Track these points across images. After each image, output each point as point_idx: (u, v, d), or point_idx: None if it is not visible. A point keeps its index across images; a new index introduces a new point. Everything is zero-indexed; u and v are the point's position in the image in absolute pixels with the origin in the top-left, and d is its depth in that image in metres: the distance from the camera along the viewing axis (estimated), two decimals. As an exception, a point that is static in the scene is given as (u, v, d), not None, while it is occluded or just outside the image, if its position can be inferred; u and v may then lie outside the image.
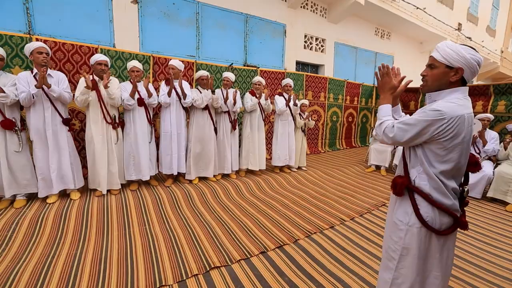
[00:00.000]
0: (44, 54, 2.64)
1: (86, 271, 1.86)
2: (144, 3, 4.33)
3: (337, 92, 6.79)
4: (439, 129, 1.09)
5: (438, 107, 1.10)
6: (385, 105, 1.31)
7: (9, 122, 2.55)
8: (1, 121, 2.52)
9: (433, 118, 1.09)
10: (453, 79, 1.13)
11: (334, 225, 2.69)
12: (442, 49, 1.14)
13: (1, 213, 2.49)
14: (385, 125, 1.23)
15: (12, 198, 2.69)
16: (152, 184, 3.44)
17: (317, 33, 6.96)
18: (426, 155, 1.17)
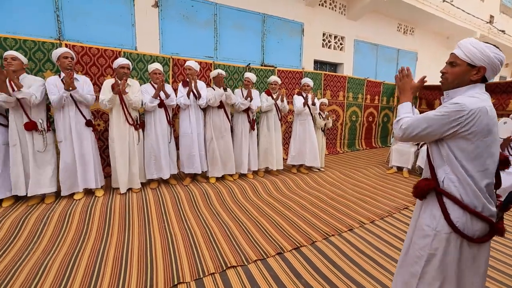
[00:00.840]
0: (69, 58, 2.79)
1: (109, 266, 1.94)
2: (164, 7, 4.45)
3: (357, 91, 6.61)
4: (459, 121, 1.05)
5: (457, 100, 1.07)
6: (406, 102, 1.27)
7: (32, 124, 2.69)
8: (25, 123, 2.67)
9: (452, 110, 1.05)
10: (474, 77, 1.10)
11: (353, 228, 2.62)
12: (465, 47, 1.10)
13: (33, 209, 2.66)
14: (404, 120, 1.19)
15: (42, 194, 2.87)
16: (171, 183, 3.53)
17: (336, 31, 6.81)
18: (453, 152, 1.10)
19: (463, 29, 8.91)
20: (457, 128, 1.05)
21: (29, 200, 2.79)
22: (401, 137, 1.19)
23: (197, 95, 3.43)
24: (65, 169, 2.88)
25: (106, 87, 3.01)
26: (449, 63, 1.16)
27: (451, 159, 1.10)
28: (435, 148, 1.18)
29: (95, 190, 3.09)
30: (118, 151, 3.08)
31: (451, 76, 1.14)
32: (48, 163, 2.85)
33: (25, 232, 2.31)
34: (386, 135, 7.58)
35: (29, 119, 2.69)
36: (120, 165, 3.09)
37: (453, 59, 1.14)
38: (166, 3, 4.45)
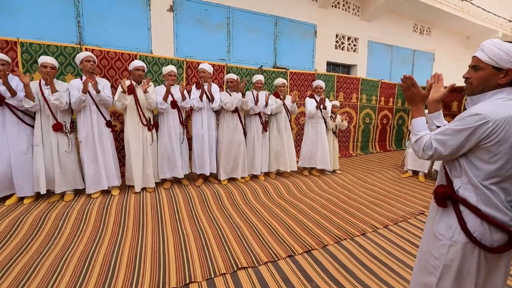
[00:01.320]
0: (92, 62, 2.93)
1: (124, 262, 2.00)
2: (179, 11, 4.56)
3: (371, 93, 6.50)
4: (484, 135, 0.98)
5: (478, 110, 0.99)
6: (418, 118, 1.18)
7: (59, 125, 2.84)
8: (53, 124, 2.82)
9: (474, 124, 0.98)
10: (502, 81, 1.02)
11: (365, 232, 2.57)
12: (489, 49, 1.02)
13: (53, 206, 2.77)
14: (423, 141, 1.11)
15: (62, 192, 2.99)
16: (184, 184, 3.59)
17: (349, 32, 6.73)
18: (471, 163, 1.04)
19: (483, 28, 8.59)
20: (482, 140, 0.99)
21: (50, 198, 2.92)
22: (428, 158, 1.13)
23: (211, 98, 3.48)
24: (86, 168, 2.99)
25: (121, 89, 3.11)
26: (472, 67, 1.08)
27: (468, 171, 1.05)
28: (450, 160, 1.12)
29: (111, 189, 3.19)
30: (132, 151, 3.17)
31: (476, 81, 1.06)
32: (71, 162, 2.96)
33: (46, 228, 2.42)
34: (401, 138, 7.40)
35: (56, 121, 2.82)
36: (134, 165, 3.18)
37: (475, 62, 1.06)
38: (180, 7, 4.56)
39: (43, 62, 2.74)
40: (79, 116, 3.00)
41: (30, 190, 2.85)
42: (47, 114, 2.83)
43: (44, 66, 2.73)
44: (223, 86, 4.59)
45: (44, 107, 2.81)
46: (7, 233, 2.29)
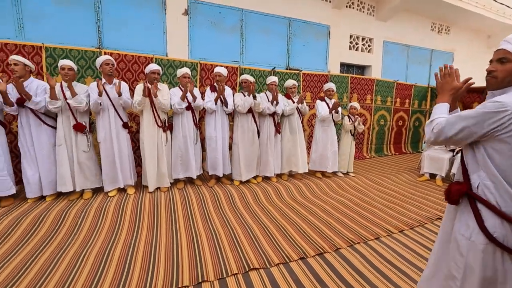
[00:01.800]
0: (110, 65, 3.04)
1: (139, 259, 2.06)
2: (193, 14, 4.64)
3: (386, 94, 6.36)
4: (500, 122, 0.95)
5: (499, 98, 0.97)
6: (442, 103, 1.16)
7: (80, 125, 2.96)
8: (74, 125, 2.94)
9: (492, 109, 0.96)
10: None
11: (380, 236, 2.52)
12: None
13: (73, 203, 2.89)
14: (436, 121, 1.09)
15: (81, 190, 3.11)
16: (197, 184, 3.64)
17: (364, 32, 6.62)
18: (489, 156, 1.01)
19: (506, 26, 8.22)
20: (497, 129, 0.96)
21: (70, 195, 3.05)
22: (434, 140, 1.09)
23: (224, 102, 3.52)
24: (104, 167, 3.11)
25: (138, 91, 3.20)
26: (498, 60, 1.05)
27: (487, 164, 1.01)
28: (470, 152, 1.08)
29: (128, 188, 3.29)
30: (147, 151, 3.25)
31: (502, 74, 1.03)
32: (89, 161, 3.08)
33: (67, 224, 2.53)
34: (418, 140, 7.19)
35: (76, 121, 2.94)
36: (148, 165, 3.26)
37: (503, 54, 1.02)
38: (195, 10, 4.64)
39: (61, 64, 2.87)
40: (98, 117, 3.12)
41: (52, 188, 2.99)
42: (68, 115, 2.95)
43: (62, 68, 2.85)
44: (236, 88, 4.63)
45: (65, 108, 2.93)
46: (30, 229, 2.41)
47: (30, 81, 2.86)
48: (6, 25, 3.58)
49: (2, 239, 2.26)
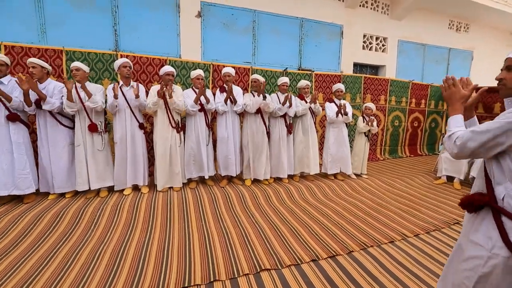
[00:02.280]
0: (128, 67, 3.11)
1: (152, 257, 2.10)
2: (206, 16, 4.71)
3: (400, 94, 6.21)
4: None
5: None
6: (455, 115, 1.14)
7: (94, 126, 3.05)
8: (89, 125, 3.03)
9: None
10: None
11: (394, 240, 2.47)
12: None
13: (90, 201, 2.99)
14: (456, 135, 1.06)
15: (97, 189, 3.21)
16: (209, 184, 3.68)
17: (378, 32, 6.51)
18: None
19: (530, 24, 7.86)
20: None
21: (87, 193, 3.15)
22: (456, 154, 1.06)
23: (234, 102, 3.55)
24: (119, 166, 3.19)
25: (152, 92, 3.27)
26: (505, 68, 1.05)
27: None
28: (494, 162, 1.03)
29: (142, 187, 3.37)
30: (160, 151, 3.31)
31: (510, 82, 1.04)
32: (104, 161, 3.18)
33: (84, 221, 2.62)
34: (434, 142, 6.98)
35: (91, 122, 3.05)
36: (160, 165, 3.32)
37: (510, 62, 1.03)
38: (208, 12, 4.70)
39: (71, 67, 2.98)
40: (115, 118, 3.21)
41: (69, 186, 3.10)
42: (84, 116, 3.05)
43: (71, 70, 2.97)
44: (248, 88, 4.65)
45: (81, 109, 3.03)
46: (50, 225, 2.52)
47: (47, 83, 2.97)
48: (30, 30, 3.76)
49: (24, 235, 2.36)
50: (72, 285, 1.77)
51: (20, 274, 1.86)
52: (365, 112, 4.35)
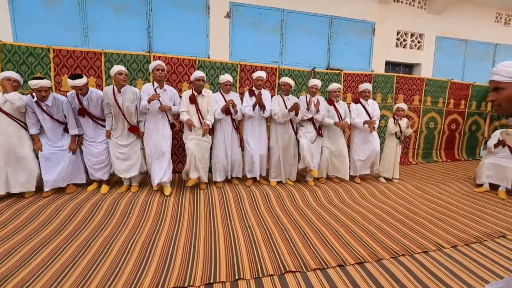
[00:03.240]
0: (160, 70, 3.17)
1: (180, 250, 2.18)
2: (235, 16, 4.76)
3: (437, 94, 5.82)
4: None
5: None
6: None
7: (135, 128, 3.20)
8: (129, 127, 3.17)
9: None
10: None
11: (428, 250, 2.31)
12: (502, 70, 1.06)
13: (123, 195, 3.16)
14: None
15: (128, 184, 3.39)
16: (234, 183, 3.72)
17: (413, 28, 6.14)
18: None
19: None
20: None
21: (120, 188, 3.33)
22: None
23: (263, 108, 3.55)
24: (150, 163, 3.31)
25: (184, 100, 3.35)
26: (493, 90, 1.11)
27: None
28: None
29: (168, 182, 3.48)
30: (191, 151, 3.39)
31: (503, 102, 1.07)
32: (135, 158, 3.31)
33: (117, 214, 2.78)
34: (474, 146, 6.44)
35: (130, 124, 3.17)
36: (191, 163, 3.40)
37: (495, 85, 1.09)
38: (236, 13, 4.76)
39: (118, 70, 2.99)
40: (147, 118, 3.33)
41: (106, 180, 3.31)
42: (121, 118, 3.14)
43: (120, 73, 3.00)
44: (274, 88, 4.64)
45: (118, 112, 3.10)
46: (88, 216, 2.71)
47: (90, 92, 3.08)
48: (74, 34, 4.07)
49: (66, 223, 2.57)
50: (106, 272, 1.88)
51: (61, 259, 2.02)
52: (397, 114, 4.13)
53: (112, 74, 3.03)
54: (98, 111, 3.18)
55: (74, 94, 3.05)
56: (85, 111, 3.10)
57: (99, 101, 3.14)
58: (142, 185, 3.54)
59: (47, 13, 3.94)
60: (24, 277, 1.82)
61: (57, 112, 3.05)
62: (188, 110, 3.33)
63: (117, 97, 3.05)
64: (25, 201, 2.90)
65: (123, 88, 3.07)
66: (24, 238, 2.31)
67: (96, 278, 1.82)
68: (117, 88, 3.06)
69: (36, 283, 1.76)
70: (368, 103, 4.04)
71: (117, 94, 3.06)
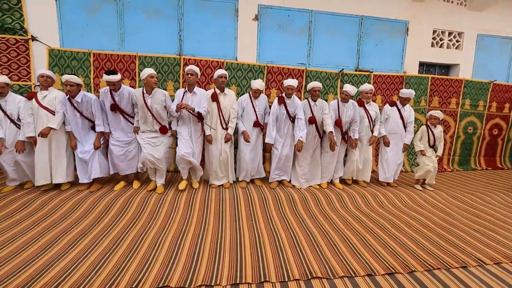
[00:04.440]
0: (189, 75, 3.22)
1: (206, 249, 2.22)
2: (263, 19, 4.78)
3: (477, 97, 5.41)
4: None
5: None
6: None
7: (165, 128, 3.26)
8: (160, 128, 3.24)
9: None
10: None
11: (467, 266, 2.15)
12: None
13: (151, 194, 3.29)
14: None
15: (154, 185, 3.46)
16: (257, 184, 3.73)
17: (452, 26, 5.75)
18: None
19: None
20: None
21: (148, 186, 3.44)
22: None
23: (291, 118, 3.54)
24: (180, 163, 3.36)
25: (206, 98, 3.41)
26: None
27: None
28: None
29: (193, 182, 3.58)
30: (212, 151, 3.47)
31: None
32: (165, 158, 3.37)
33: (147, 211, 2.91)
34: (520, 153, 5.90)
35: (161, 125, 3.25)
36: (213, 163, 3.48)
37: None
38: (264, 15, 4.77)
39: (150, 73, 3.04)
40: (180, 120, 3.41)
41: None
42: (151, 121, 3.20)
43: (152, 76, 3.05)
44: (301, 90, 4.59)
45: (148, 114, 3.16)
46: (120, 211, 2.86)
47: (122, 89, 3.19)
48: (112, 39, 4.33)
49: (100, 218, 2.74)
50: (138, 266, 1.97)
51: (98, 251, 2.16)
52: (430, 121, 3.90)
53: (143, 77, 3.06)
54: (129, 108, 3.28)
55: (108, 90, 3.16)
56: (117, 107, 3.20)
57: (130, 98, 3.23)
58: (170, 183, 3.66)
59: (89, 20, 4.23)
60: (66, 264, 1.96)
61: (86, 109, 3.18)
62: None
63: (146, 99, 3.11)
64: (63, 195, 3.10)
65: (153, 90, 3.13)
66: (65, 229, 2.49)
67: (129, 270, 1.91)
68: (147, 91, 3.12)
69: (76, 272, 1.89)
70: (404, 108, 3.87)
71: (146, 96, 3.12)
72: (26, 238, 2.29)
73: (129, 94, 3.23)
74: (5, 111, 3.13)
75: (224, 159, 3.50)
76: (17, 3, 3.93)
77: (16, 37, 3.95)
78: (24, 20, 3.98)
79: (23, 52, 3.99)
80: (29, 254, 2.07)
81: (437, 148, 3.94)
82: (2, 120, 3.15)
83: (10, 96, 3.19)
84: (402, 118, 3.83)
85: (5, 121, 3.15)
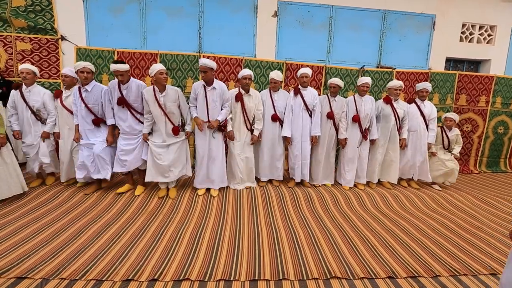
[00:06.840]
0: (202, 72, 3.01)
1: (224, 246, 2.25)
2: (282, 15, 4.73)
3: (509, 95, 5.09)
4: None
5: None
6: None
7: (177, 128, 3.09)
8: (172, 128, 3.06)
9: None
10: None
11: (497, 273, 2.05)
12: None
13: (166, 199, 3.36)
14: None
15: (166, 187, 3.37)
16: (275, 184, 3.71)
17: (483, 19, 5.42)
18: None
19: None
20: None
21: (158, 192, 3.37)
22: None
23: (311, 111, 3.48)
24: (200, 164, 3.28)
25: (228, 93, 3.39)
26: None
27: None
28: None
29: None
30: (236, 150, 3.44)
31: None
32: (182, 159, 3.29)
33: (165, 209, 2.99)
34: (557, 156, 5.50)
35: (173, 124, 3.07)
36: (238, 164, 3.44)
37: None
38: (284, 11, 4.72)
39: (160, 68, 2.86)
40: None
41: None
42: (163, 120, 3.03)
43: (161, 72, 2.86)
44: (320, 87, 4.52)
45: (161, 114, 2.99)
46: (138, 209, 2.97)
47: (130, 82, 2.98)
48: (135, 37, 4.45)
49: (120, 213, 2.85)
50: (159, 258, 2.05)
51: (121, 242, 2.25)
52: (446, 124, 3.73)
53: (152, 74, 2.86)
54: (138, 103, 3.04)
55: (116, 83, 2.95)
56: (124, 101, 2.96)
57: (139, 92, 3.01)
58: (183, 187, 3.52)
59: (113, 20, 4.37)
60: (92, 254, 2.07)
61: (94, 101, 3.03)
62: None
63: (158, 97, 2.91)
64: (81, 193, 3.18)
65: (165, 87, 2.96)
66: (87, 222, 2.63)
67: (152, 261, 1.99)
68: (159, 88, 2.92)
69: (101, 261, 1.99)
70: (424, 104, 3.71)
71: (158, 94, 2.91)
72: (54, 229, 2.44)
73: (137, 88, 3.00)
74: (27, 101, 3.13)
75: (245, 162, 3.47)
76: (48, 5, 4.13)
77: (47, 36, 4.16)
78: (55, 21, 4.18)
79: (53, 51, 4.20)
80: (59, 242, 2.21)
81: (452, 149, 3.78)
82: (23, 110, 3.14)
83: (36, 87, 3.20)
84: (423, 115, 3.67)
85: (26, 111, 3.14)
